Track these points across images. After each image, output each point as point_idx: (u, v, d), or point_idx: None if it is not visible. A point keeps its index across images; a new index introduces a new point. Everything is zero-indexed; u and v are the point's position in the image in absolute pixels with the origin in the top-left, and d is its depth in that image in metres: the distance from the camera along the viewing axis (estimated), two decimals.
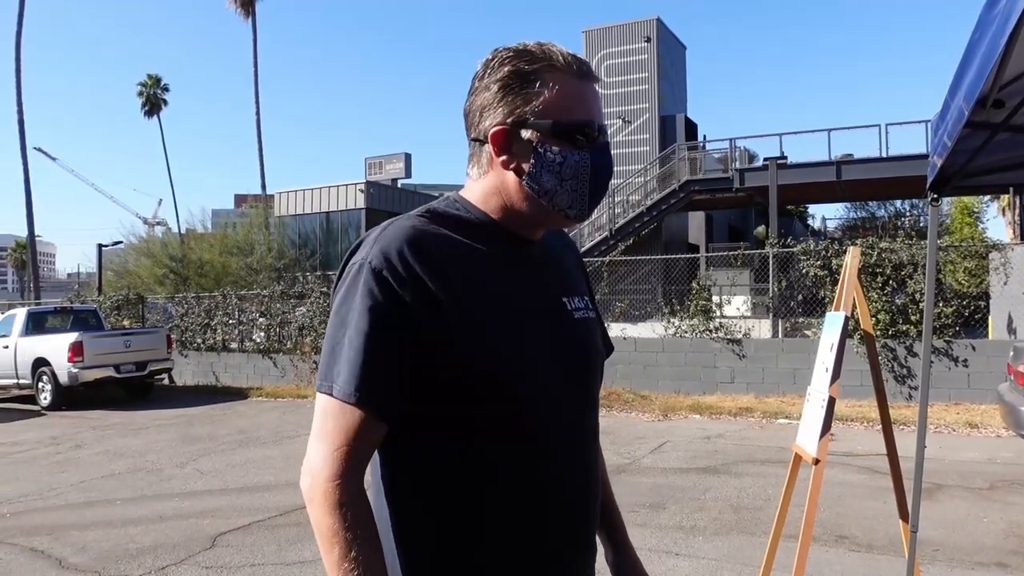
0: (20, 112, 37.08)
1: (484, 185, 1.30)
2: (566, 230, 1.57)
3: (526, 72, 1.22)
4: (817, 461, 2.77)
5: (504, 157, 1.25)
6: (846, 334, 2.85)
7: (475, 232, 1.27)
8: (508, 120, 1.23)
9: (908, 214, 34.83)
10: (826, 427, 2.79)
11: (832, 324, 2.95)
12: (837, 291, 2.96)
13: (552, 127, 1.22)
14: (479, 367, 1.17)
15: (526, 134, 1.23)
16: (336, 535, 1.11)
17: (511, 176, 1.26)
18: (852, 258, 2.91)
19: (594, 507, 1.36)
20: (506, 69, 1.23)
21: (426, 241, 1.20)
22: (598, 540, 1.45)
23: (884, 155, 21.14)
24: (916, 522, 2.83)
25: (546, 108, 1.22)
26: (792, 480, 3.14)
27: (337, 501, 1.12)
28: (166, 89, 52.21)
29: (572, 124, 1.22)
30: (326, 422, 1.16)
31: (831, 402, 2.79)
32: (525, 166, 1.24)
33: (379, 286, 1.16)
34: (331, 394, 1.15)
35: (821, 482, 2.77)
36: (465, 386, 1.18)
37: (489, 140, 1.25)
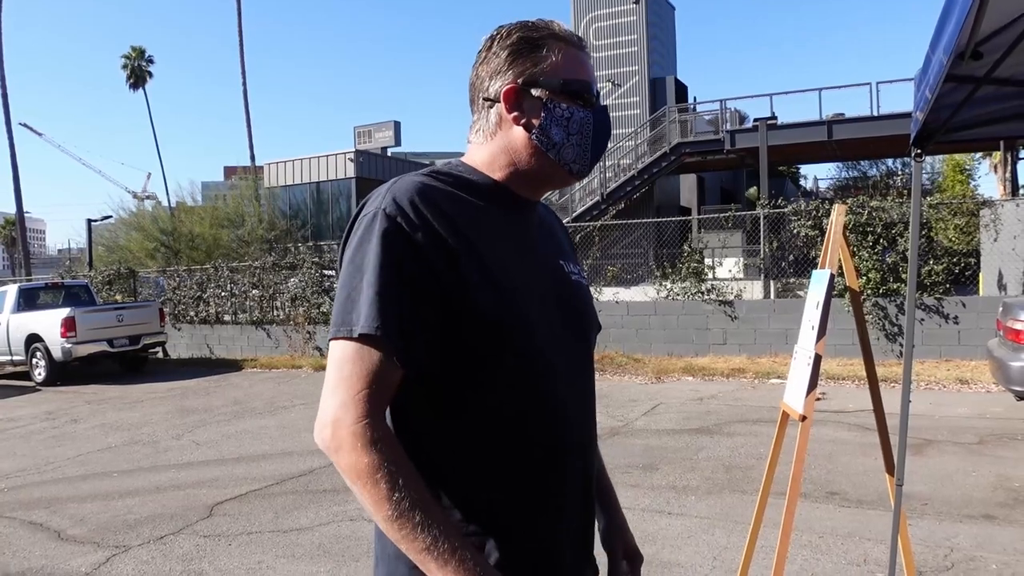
0: (3, 87, 36.68)
1: (491, 147, 1.37)
2: (553, 198, 1.62)
3: (534, 39, 1.34)
4: (804, 418, 2.79)
5: (515, 114, 1.33)
6: (832, 292, 2.86)
7: (479, 192, 1.33)
8: (519, 80, 1.33)
9: (900, 173, 34.78)
10: (812, 384, 2.81)
11: (818, 282, 2.95)
12: (823, 249, 2.96)
13: (562, 85, 1.32)
14: (490, 315, 1.21)
15: (536, 92, 1.32)
16: (379, 470, 1.10)
17: (520, 132, 1.34)
18: (837, 216, 2.91)
19: (593, 455, 1.43)
20: (515, 36, 1.34)
21: (437, 195, 1.25)
22: None
23: (875, 114, 21.07)
24: (902, 476, 2.87)
25: (554, 69, 1.33)
26: (780, 437, 3.17)
27: (370, 439, 1.11)
28: (151, 61, 51.68)
29: (578, 83, 1.34)
30: (343, 368, 1.15)
31: (817, 359, 2.80)
32: (536, 120, 1.32)
33: (395, 231, 1.19)
34: (350, 336, 1.15)
35: (808, 438, 2.80)
36: (477, 332, 1.20)
37: (502, 98, 1.33)
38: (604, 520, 1.62)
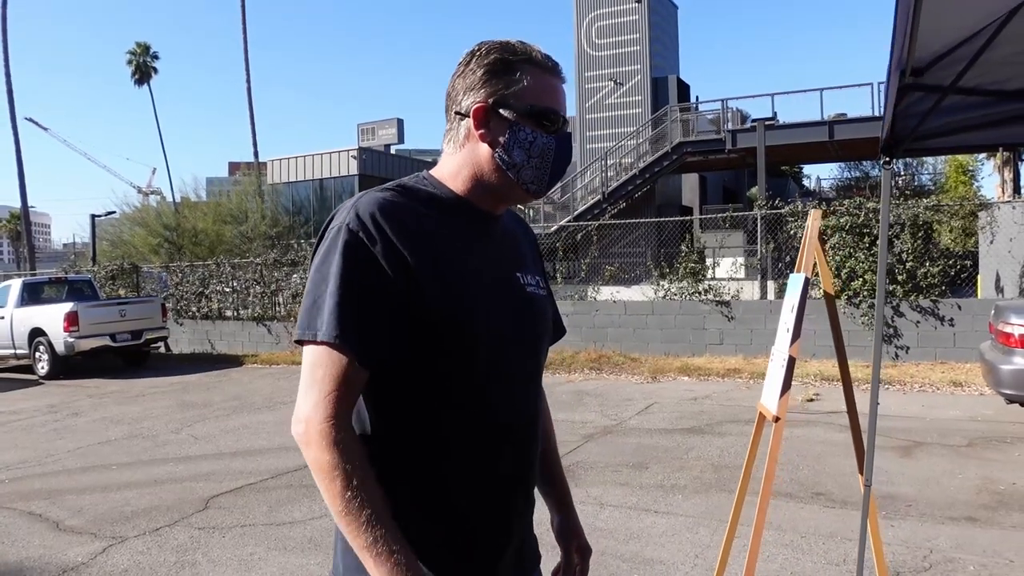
0: (9, 82, 36.78)
1: (458, 159, 1.45)
2: (522, 212, 1.71)
3: (510, 61, 1.40)
4: (777, 419, 2.87)
5: (482, 131, 1.41)
6: (807, 295, 2.93)
7: (442, 206, 1.42)
8: (489, 99, 1.40)
9: (902, 174, 34.79)
10: (786, 386, 2.88)
11: (793, 286, 3.03)
12: (799, 253, 3.03)
13: (528, 109, 1.39)
14: (442, 318, 1.31)
15: (504, 112, 1.39)
16: (336, 468, 1.23)
17: (485, 149, 1.41)
18: (813, 220, 2.98)
19: (530, 473, 1.52)
20: (492, 57, 1.40)
21: (396, 210, 1.34)
22: (544, 503, 1.67)
23: (877, 114, 21.05)
24: (870, 477, 2.94)
25: (524, 93, 1.39)
26: (757, 438, 3.24)
27: (333, 439, 1.24)
28: (156, 57, 51.67)
29: (544, 110, 1.40)
30: (315, 371, 1.27)
31: (791, 362, 2.87)
32: (501, 139, 1.40)
33: (356, 245, 1.29)
34: (315, 340, 1.27)
35: (781, 439, 2.87)
36: (433, 334, 1.31)
37: (471, 115, 1.40)
38: (559, 517, 1.72)
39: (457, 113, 1.43)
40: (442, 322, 1.31)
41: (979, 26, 2.08)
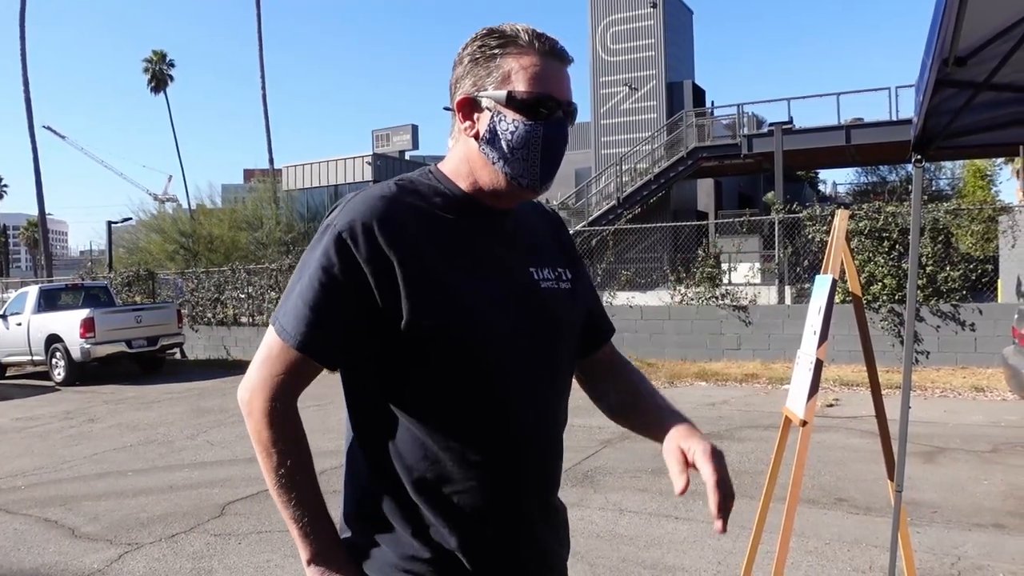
0: (27, 91, 37.19)
1: (456, 154, 1.39)
2: (541, 202, 1.64)
3: (491, 47, 1.32)
4: (805, 423, 2.80)
5: (467, 124, 1.34)
6: (834, 297, 2.87)
7: (445, 202, 1.36)
8: (472, 90, 1.33)
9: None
10: (814, 389, 2.81)
11: (820, 287, 2.96)
12: (826, 254, 2.97)
13: (507, 97, 1.29)
14: (434, 321, 1.26)
15: (485, 103, 1.32)
16: (274, 445, 1.28)
17: (472, 143, 1.35)
18: (840, 221, 2.92)
19: (552, 468, 1.44)
20: (476, 45, 1.34)
21: (392, 211, 1.29)
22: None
23: (894, 118, 20.90)
24: (901, 482, 2.87)
25: (504, 79, 1.30)
26: (783, 443, 3.18)
27: (276, 418, 1.28)
28: (172, 65, 52.17)
29: (527, 96, 1.29)
30: (272, 350, 1.29)
31: (818, 364, 2.81)
32: (483, 132, 1.32)
33: (338, 249, 1.26)
34: (277, 333, 1.29)
35: (808, 444, 2.81)
36: (420, 336, 1.26)
37: (455, 108, 1.35)
38: (660, 430, 1.42)
39: (445, 108, 1.41)
40: (433, 331, 1.26)
41: (1010, 21, 2.02)
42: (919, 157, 2.64)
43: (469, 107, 1.33)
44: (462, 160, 1.37)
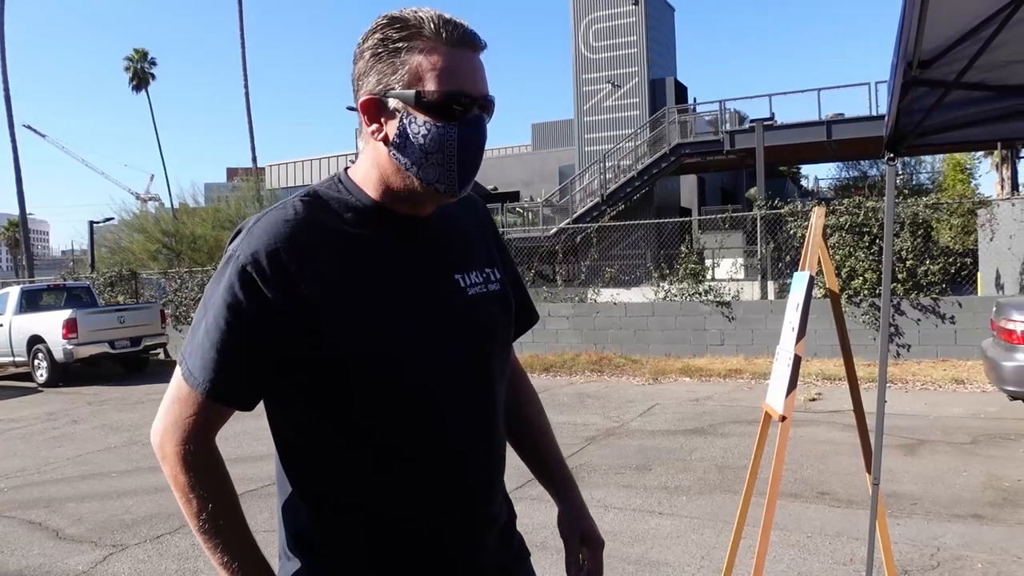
0: (6, 89, 36.78)
1: (365, 159, 1.28)
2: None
3: (393, 40, 1.18)
4: (784, 418, 2.84)
5: (374, 127, 1.22)
6: (811, 293, 2.90)
7: (357, 217, 1.24)
8: (376, 89, 1.20)
9: (901, 173, 34.78)
10: (792, 385, 2.85)
11: (798, 284, 3.00)
12: (803, 251, 3.01)
13: (415, 98, 1.17)
14: (349, 348, 1.17)
15: (392, 104, 1.19)
16: (192, 490, 1.19)
17: (382, 148, 1.22)
18: (817, 218, 2.95)
19: (496, 481, 1.37)
20: (376, 37, 1.19)
21: (299, 235, 1.18)
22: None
23: (875, 113, 21.04)
24: (878, 475, 2.91)
25: (411, 78, 1.17)
26: (763, 438, 3.21)
27: (191, 462, 1.19)
28: (153, 63, 51.67)
29: (437, 96, 1.17)
30: (179, 393, 1.21)
31: (797, 360, 2.85)
32: (392, 137, 1.21)
33: (242, 284, 1.15)
34: (183, 378, 1.21)
35: (787, 439, 2.84)
36: (337, 365, 1.18)
37: (359, 109, 1.22)
38: (560, 505, 1.54)
39: (349, 108, 1.29)
40: (358, 359, 1.17)
41: (982, 17, 2.06)
42: (891, 155, 2.68)
43: (375, 108, 1.20)
44: (372, 165, 1.25)
